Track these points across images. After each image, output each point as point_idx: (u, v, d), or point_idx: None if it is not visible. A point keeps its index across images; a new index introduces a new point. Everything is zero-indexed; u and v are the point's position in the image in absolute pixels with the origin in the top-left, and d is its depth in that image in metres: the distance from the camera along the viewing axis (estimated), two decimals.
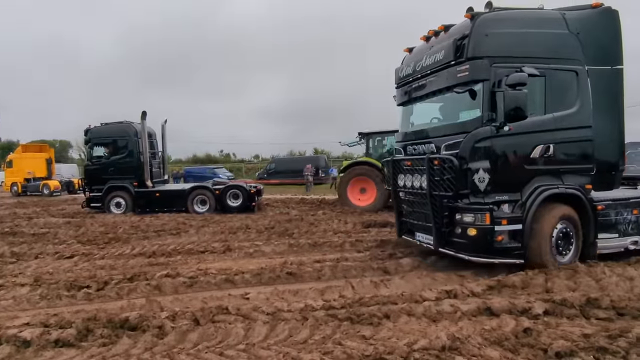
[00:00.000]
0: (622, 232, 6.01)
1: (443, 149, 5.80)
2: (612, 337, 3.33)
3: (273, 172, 30.95)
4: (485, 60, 5.39)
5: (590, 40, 5.86)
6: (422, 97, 6.52)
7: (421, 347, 3.20)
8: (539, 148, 5.51)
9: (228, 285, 5.52)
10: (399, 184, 6.76)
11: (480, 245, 5.43)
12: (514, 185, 5.51)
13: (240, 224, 10.59)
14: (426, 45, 6.47)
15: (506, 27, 5.60)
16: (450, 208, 5.72)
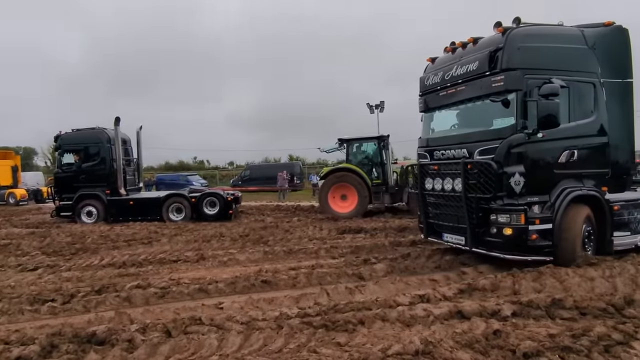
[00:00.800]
0: (633, 230, 6.56)
1: (477, 154, 6.12)
2: (575, 337, 3.47)
3: (248, 179, 30.67)
4: (519, 72, 5.80)
5: (604, 55, 6.40)
6: (452, 105, 6.87)
7: (395, 352, 3.24)
8: (566, 153, 5.99)
9: (201, 295, 5.41)
10: (426, 187, 7.05)
11: (515, 243, 5.80)
12: (544, 187, 5.92)
13: (215, 232, 10.42)
14: (452, 56, 6.82)
15: (535, 41, 6.05)
16: (485, 209, 6.08)
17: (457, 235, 6.62)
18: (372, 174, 13.73)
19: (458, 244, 6.64)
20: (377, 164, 13.86)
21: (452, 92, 6.68)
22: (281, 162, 40.73)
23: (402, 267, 6.35)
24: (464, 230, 6.40)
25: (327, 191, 13.44)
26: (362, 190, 12.99)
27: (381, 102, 28.49)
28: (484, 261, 6.56)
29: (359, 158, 14.12)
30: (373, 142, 14.14)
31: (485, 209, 6.09)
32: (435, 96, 7.14)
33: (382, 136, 13.85)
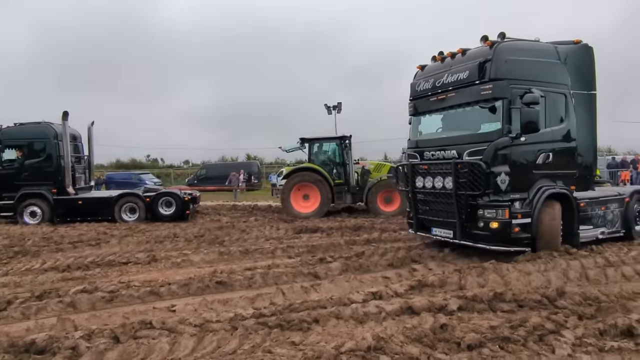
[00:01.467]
0: (595, 224, 7.45)
1: (466, 155, 6.70)
2: (513, 327, 3.72)
3: (204, 178, 29.91)
4: (505, 82, 6.42)
5: (573, 69, 7.22)
6: (442, 109, 7.41)
7: (348, 349, 3.32)
8: (542, 155, 6.70)
9: (153, 297, 5.24)
10: (417, 185, 7.54)
11: (500, 236, 6.45)
12: (524, 185, 6.58)
13: (168, 233, 10.11)
14: (442, 65, 7.40)
15: (519, 55, 6.73)
16: (472, 205, 6.69)
17: (446, 230, 7.19)
18: (334, 173, 13.81)
19: (446, 238, 7.21)
20: (339, 164, 13.94)
21: (443, 97, 7.21)
22: (238, 161, 40.04)
23: (357, 266, 6.48)
24: (453, 225, 6.99)
25: (290, 191, 13.35)
26: (324, 190, 13.05)
27: (338, 103, 28.89)
28: (432, 259, 6.89)
29: (320, 158, 14.13)
30: (335, 142, 14.23)
31: (473, 205, 6.71)
32: (425, 101, 7.65)
33: (344, 136, 13.93)
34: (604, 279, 5.53)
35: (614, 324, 3.74)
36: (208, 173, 30.43)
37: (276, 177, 23.76)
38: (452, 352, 3.39)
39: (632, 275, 5.68)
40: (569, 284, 5.25)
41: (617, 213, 7.85)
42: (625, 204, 8.02)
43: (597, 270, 5.77)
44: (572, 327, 3.75)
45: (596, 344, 3.41)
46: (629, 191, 8.40)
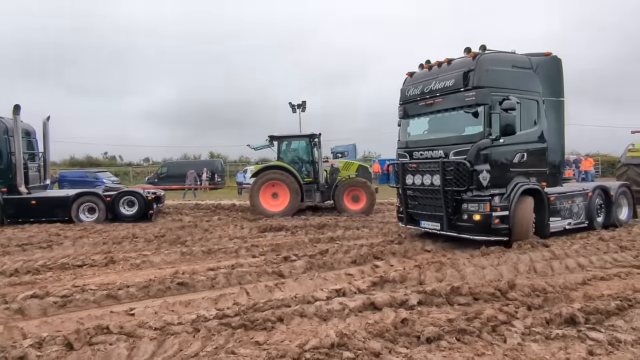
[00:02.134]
0: (563, 216, 8.41)
1: (452, 155, 7.44)
2: (469, 320, 3.91)
3: (165, 176, 28.99)
4: (486, 89, 7.20)
5: (544, 78, 8.08)
6: (430, 113, 8.13)
7: (312, 347, 3.36)
8: (518, 155, 7.52)
9: (110, 301, 5.03)
10: (407, 182, 8.29)
11: (482, 227, 7.20)
12: (502, 182, 7.35)
13: (127, 233, 9.74)
14: (429, 72, 8.15)
15: (498, 65, 7.51)
16: (457, 200, 7.46)
17: (433, 222, 7.99)
18: (303, 172, 13.75)
19: (434, 229, 7.99)
20: (308, 162, 13.90)
21: (431, 103, 7.99)
22: (201, 159, 39.13)
23: (321, 264, 6.54)
24: (440, 218, 7.78)
25: (259, 189, 13.16)
26: (293, 189, 12.99)
27: (303, 102, 28.88)
28: (394, 255, 7.08)
29: (290, 156, 14.00)
30: (304, 140, 14.13)
31: (458, 200, 7.48)
32: (414, 105, 8.42)
33: (313, 134, 13.86)
34: (550, 271, 5.92)
35: (559, 313, 4.01)
36: (169, 171, 29.51)
37: (243, 175, 23.39)
38: (412, 345, 3.51)
39: (575, 267, 6.11)
40: (519, 276, 5.59)
41: (581, 206, 8.84)
42: (589, 198, 9.01)
43: (544, 263, 6.16)
44: (522, 317, 3.98)
45: (543, 332, 3.65)
46: (592, 187, 9.36)
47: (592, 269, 6.02)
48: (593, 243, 7.54)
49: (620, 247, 7.19)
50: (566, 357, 3.18)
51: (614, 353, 3.23)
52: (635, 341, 3.42)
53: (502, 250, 7.08)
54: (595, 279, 5.46)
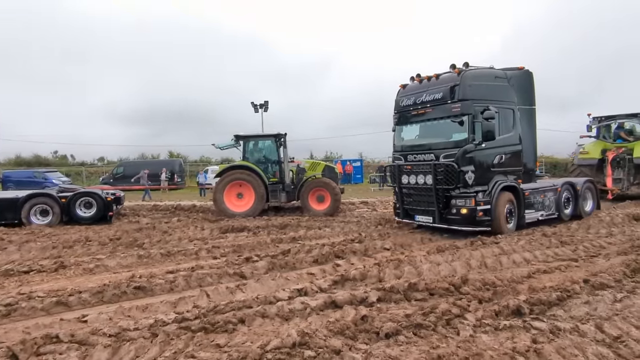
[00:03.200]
0: (536, 209, 9.58)
1: (442, 158, 8.58)
2: (425, 314, 4.08)
3: (121, 176, 27.79)
4: (469, 101, 8.33)
5: (518, 89, 9.32)
6: (421, 122, 9.28)
7: (273, 347, 3.38)
8: (497, 157, 8.74)
9: (60, 308, 4.80)
10: (402, 182, 9.45)
11: (468, 219, 8.36)
12: (485, 180, 8.55)
13: (79, 236, 9.28)
14: (420, 85, 9.31)
15: (479, 80, 8.64)
16: (447, 197, 8.62)
17: (426, 216, 9.10)
18: (269, 172, 13.64)
19: (427, 223, 9.13)
20: (274, 162, 13.79)
21: (422, 112, 9.16)
22: (160, 158, 37.85)
23: (283, 264, 6.55)
24: (432, 212, 8.91)
25: (223, 189, 12.89)
26: (259, 189, 12.84)
27: (265, 101, 28.73)
28: (355, 254, 7.22)
29: (255, 156, 13.84)
30: (270, 139, 14.00)
31: (448, 197, 8.63)
32: (407, 115, 9.55)
33: (279, 134, 13.76)
34: (499, 266, 6.27)
35: (507, 305, 4.28)
36: (126, 171, 28.27)
37: (204, 176, 22.78)
38: (372, 341, 3.62)
39: (521, 261, 6.51)
40: (471, 272, 5.88)
41: (552, 200, 10.04)
42: (558, 192, 10.18)
43: (494, 259, 6.52)
44: (474, 310, 4.21)
45: (492, 324, 3.87)
46: (560, 182, 10.54)
47: (536, 263, 6.45)
48: (537, 239, 8.04)
49: (560, 242, 7.72)
50: (513, 346, 3.39)
51: (555, 340, 3.48)
52: (574, 329, 3.71)
53: (456, 247, 7.42)
54: (538, 272, 5.84)
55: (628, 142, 14.95)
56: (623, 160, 14.58)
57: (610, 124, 15.84)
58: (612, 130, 15.77)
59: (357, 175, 31.30)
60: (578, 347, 3.36)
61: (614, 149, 14.81)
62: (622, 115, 15.47)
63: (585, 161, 15.21)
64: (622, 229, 8.96)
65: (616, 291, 4.85)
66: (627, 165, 14.52)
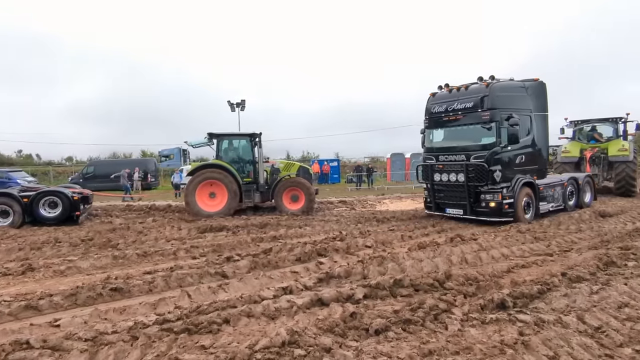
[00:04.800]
0: (547, 201, 11.03)
1: (472, 159, 9.93)
2: (413, 310, 4.08)
3: (91, 176, 26.74)
4: (497, 110, 9.68)
5: (534, 98, 10.66)
6: (452, 126, 10.59)
7: (262, 347, 3.28)
8: (519, 157, 10.20)
9: (29, 313, 4.52)
10: (435, 179, 10.81)
11: (496, 211, 9.73)
12: (508, 178, 9.90)
13: (48, 238, 8.83)
14: (450, 94, 10.64)
15: (504, 91, 10.02)
16: (477, 192, 10.00)
17: (457, 209, 10.49)
18: (243, 171, 13.38)
19: (457, 215, 10.47)
20: (249, 161, 13.55)
21: (453, 118, 10.47)
22: (132, 158, 36.71)
23: (265, 262, 6.44)
24: (462, 206, 10.30)
25: (195, 189, 12.52)
26: (232, 189, 12.57)
27: (242, 100, 28.36)
28: (337, 252, 7.18)
29: (229, 155, 13.53)
30: (245, 139, 13.75)
31: (477, 192, 9.99)
32: (439, 120, 10.83)
33: (254, 133, 13.52)
34: (479, 262, 6.38)
35: (491, 299, 4.34)
36: (97, 171, 27.22)
37: (179, 175, 22.16)
38: (362, 338, 3.58)
39: (499, 256, 6.66)
40: (453, 267, 5.95)
41: (560, 193, 11.56)
42: (564, 187, 11.69)
43: (474, 254, 6.63)
44: (460, 305, 4.25)
45: (479, 318, 3.92)
46: (566, 178, 12.06)
47: (514, 258, 6.60)
48: (513, 235, 8.26)
49: (534, 238, 7.96)
50: (501, 339, 3.43)
51: (541, 332, 3.55)
52: (557, 320, 3.79)
53: (436, 243, 7.52)
54: (517, 267, 5.98)
55: (601, 142, 16.86)
56: (598, 158, 16.50)
57: (584, 127, 17.65)
58: (587, 132, 17.56)
59: (334, 175, 31.30)
60: (563, 338, 3.44)
61: (589, 149, 16.58)
62: (594, 119, 17.42)
63: (566, 159, 16.93)
64: (590, 225, 9.33)
65: (592, 283, 5.02)
66: (602, 162, 16.47)
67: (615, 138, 16.56)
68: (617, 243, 7.27)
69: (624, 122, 16.64)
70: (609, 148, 16.27)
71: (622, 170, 15.86)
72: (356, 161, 37.39)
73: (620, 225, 9.26)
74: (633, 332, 3.63)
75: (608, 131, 17.15)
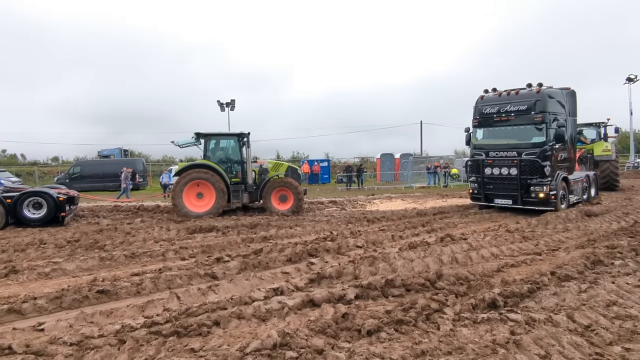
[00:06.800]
0: (574, 194, 12.85)
1: (524, 155, 11.58)
2: (405, 310, 4.06)
3: (78, 176, 26.27)
4: (547, 113, 11.37)
5: (568, 104, 12.40)
6: (504, 126, 12.14)
7: (253, 349, 3.22)
8: (561, 155, 11.95)
9: (12, 316, 4.39)
10: (485, 173, 12.40)
11: (544, 201, 11.38)
12: (554, 173, 11.52)
13: (32, 239, 8.62)
14: (500, 97, 12.26)
15: (551, 96, 11.65)
16: (528, 184, 11.60)
17: (506, 200, 12.07)
18: (231, 171, 13.25)
19: (506, 205, 12.07)
20: (237, 161, 13.42)
21: (505, 119, 12.07)
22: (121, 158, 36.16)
23: (256, 263, 6.37)
24: (512, 197, 11.89)
25: (182, 189, 12.35)
26: (220, 189, 12.44)
27: (232, 100, 28.20)
28: (328, 252, 7.15)
29: (217, 155, 13.37)
30: (233, 138, 13.61)
31: (527, 184, 11.58)
32: (489, 120, 12.40)
33: (242, 133, 13.40)
34: (470, 261, 6.41)
35: (482, 298, 4.35)
36: (83, 171, 26.76)
37: (169, 175, 21.85)
38: (354, 339, 3.54)
39: (489, 256, 6.70)
40: (444, 267, 5.96)
41: (580, 187, 13.51)
42: (582, 182, 13.67)
43: (464, 254, 6.66)
44: (452, 305, 4.24)
45: (471, 317, 3.91)
46: (584, 175, 14.16)
47: (504, 258, 6.66)
48: (501, 235, 8.34)
49: (523, 237, 8.04)
50: (492, 338, 3.43)
51: (532, 331, 3.56)
52: (547, 319, 3.81)
53: (427, 243, 7.54)
54: (507, 266, 6.03)
55: (586, 144, 19.06)
56: (585, 158, 18.68)
57: None
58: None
59: (325, 175, 31.29)
60: (553, 337, 3.45)
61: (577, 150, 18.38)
62: (581, 124, 18.89)
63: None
64: (577, 224, 9.46)
65: (580, 282, 5.08)
66: (589, 162, 18.58)
67: (598, 140, 19.02)
68: (604, 242, 7.37)
69: (604, 126, 19.26)
70: (594, 149, 18.59)
71: (606, 167, 18.37)
72: (346, 161, 37.45)
73: (606, 225, 9.40)
74: (622, 330, 3.67)
75: (592, 134, 19.35)
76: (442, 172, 26.82)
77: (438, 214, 12.08)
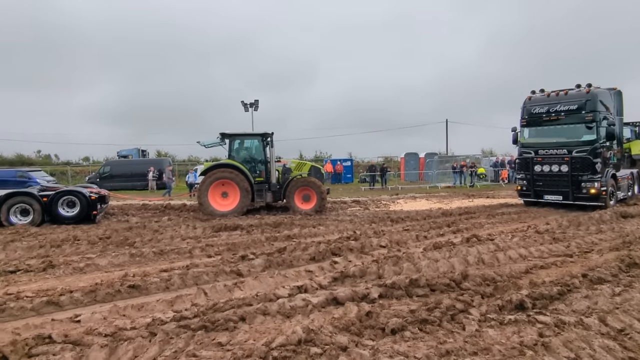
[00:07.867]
0: (621, 191, 13.23)
1: (574, 153, 12.01)
2: (430, 310, 4.04)
3: (107, 175, 27.24)
4: (597, 112, 11.78)
5: (616, 103, 12.88)
6: (554, 125, 12.56)
7: (279, 345, 3.29)
8: (610, 152, 12.29)
9: (51, 308, 4.61)
10: (535, 170, 12.82)
11: (595, 197, 11.76)
12: (604, 170, 11.98)
13: (67, 236, 9.02)
14: (548, 98, 12.73)
15: (601, 97, 12.03)
16: (579, 181, 12.00)
17: (556, 196, 12.56)
18: (255, 171, 13.45)
19: (556, 200, 12.55)
20: (260, 161, 13.59)
21: (555, 118, 12.49)
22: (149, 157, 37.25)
23: (280, 261, 6.45)
24: (562, 192, 12.36)
25: (208, 188, 12.63)
26: (244, 188, 12.65)
27: (256, 100, 28.51)
28: (351, 251, 7.15)
29: (241, 154, 13.58)
30: (257, 138, 13.80)
31: (578, 181, 11.99)
32: (539, 119, 12.84)
33: (266, 133, 13.55)
34: (496, 262, 6.28)
35: (510, 299, 4.26)
36: (113, 170, 27.72)
37: (194, 175, 22.31)
38: (378, 337, 3.55)
39: (517, 257, 6.53)
40: (469, 268, 5.86)
41: (626, 184, 13.96)
42: (627, 179, 14.08)
43: (490, 255, 6.53)
44: (477, 305, 4.18)
45: (497, 318, 3.85)
46: (629, 172, 14.60)
47: (532, 259, 6.48)
48: (530, 236, 8.11)
49: (553, 239, 7.79)
50: (520, 340, 3.37)
51: (561, 334, 3.47)
52: (578, 322, 3.71)
53: (452, 243, 7.43)
54: (536, 268, 5.87)
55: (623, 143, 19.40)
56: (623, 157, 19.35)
57: None
58: None
59: (348, 174, 31.24)
60: (584, 340, 3.35)
61: None
62: None
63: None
64: (611, 226, 9.10)
65: (614, 285, 4.90)
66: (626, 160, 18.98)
67: (634, 139, 19.28)
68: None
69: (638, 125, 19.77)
70: (631, 147, 18.96)
71: None
72: (369, 161, 37.26)
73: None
74: None
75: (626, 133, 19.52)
76: (469, 172, 26.31)
77: (464, 214, 11.87)
